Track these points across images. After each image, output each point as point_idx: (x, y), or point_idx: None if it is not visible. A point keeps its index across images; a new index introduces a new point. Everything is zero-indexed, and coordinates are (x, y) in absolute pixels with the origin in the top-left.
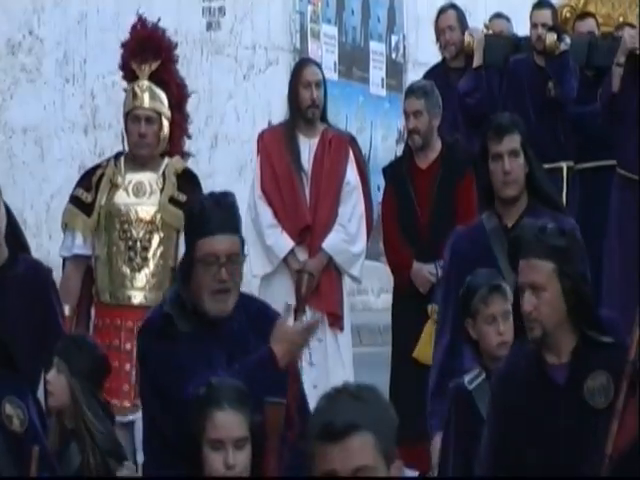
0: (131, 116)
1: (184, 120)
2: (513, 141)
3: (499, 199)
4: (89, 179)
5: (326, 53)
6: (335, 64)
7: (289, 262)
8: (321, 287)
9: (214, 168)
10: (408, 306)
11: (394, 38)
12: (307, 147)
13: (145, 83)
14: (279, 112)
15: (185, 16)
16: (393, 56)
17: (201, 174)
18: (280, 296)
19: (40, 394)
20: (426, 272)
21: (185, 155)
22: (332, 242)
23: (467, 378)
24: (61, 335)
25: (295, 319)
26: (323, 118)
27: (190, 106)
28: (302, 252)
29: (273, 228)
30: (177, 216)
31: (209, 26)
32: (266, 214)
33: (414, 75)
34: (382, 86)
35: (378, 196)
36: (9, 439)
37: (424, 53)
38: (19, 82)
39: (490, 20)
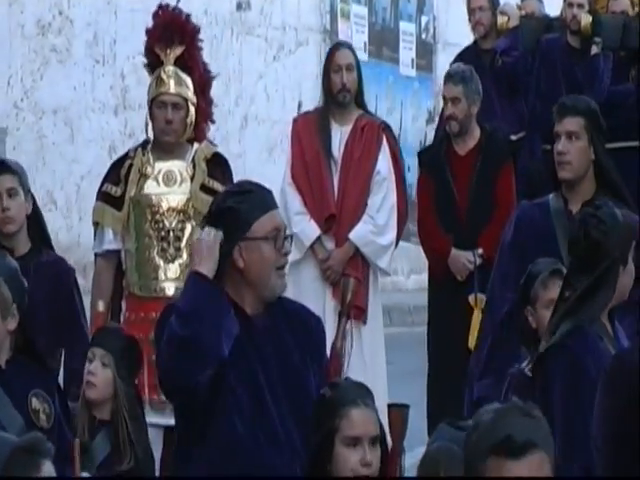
0: (157, 102)
1: (208, 105)
2: (572, 123)
3: (561, 181)
4: (117, 172)
5: (356, 33)
6: (365, 44)
7: (315, 250)
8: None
9: (244, 149)
10: (445, 294)
11: (424, 18)
12: (339, 134)
13: (171, 68)
14: (309, 93)
15: None
16: (423, 36)
17: (231, 155)
18: (308, 283)
19: None
20: (464, 259)
21: (210, 143)
22: (359, 233)
23: (525, 365)
24: (80, 332)
25: (339, 323)
26: (360, 104)
27: (220, 87)
28: (330, 241)
29: (301, 215)
30: (209, 203)
31: (239, 6)
32: (294, 201)
33: (444, 55)
34: (412, 66)
35: (409, 177)
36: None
37: (454, 34)
38: (49, 63)
39: (522, 0)
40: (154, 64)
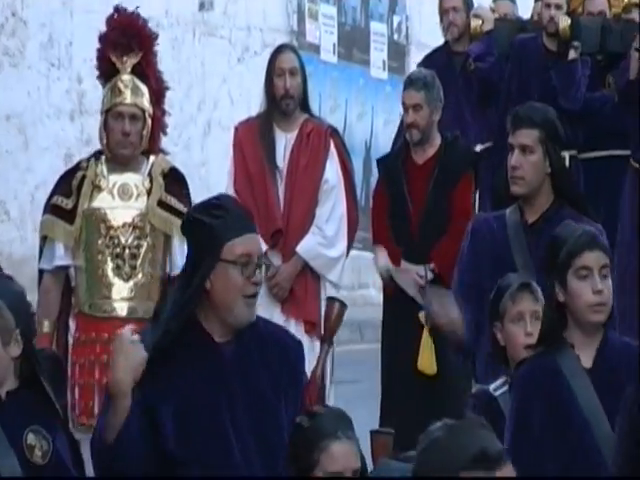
0: (113, 113)
1: (163, 115)
2: (526, 136)
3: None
4: (68, 183)
5: (325, 34)
6: (334, 46)
7: None
8: (296, 292)
9: (207, 156)
10: (396, 310)
11: (396, 18)
12: (283, 141)
13: (128, 77)
14: None
15: None
16: (395, 37)
17: (194, 163)
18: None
19: None
20: (414, 274)
21: (162, 153)
22: (307, 246)
23: (492, 386)
24: None
25: (321, 349)
26: (305, 108)
27: (182, 91)
28: (277, 257)
29: None
30: (167, 220)
31: (201, 6)
32: None
33: (417, 57)
34: (384, 69)
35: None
36: (29, 470)
37: (427, 34)
38: (1, 66)
39: (495, 1)
40: (108, 71)
